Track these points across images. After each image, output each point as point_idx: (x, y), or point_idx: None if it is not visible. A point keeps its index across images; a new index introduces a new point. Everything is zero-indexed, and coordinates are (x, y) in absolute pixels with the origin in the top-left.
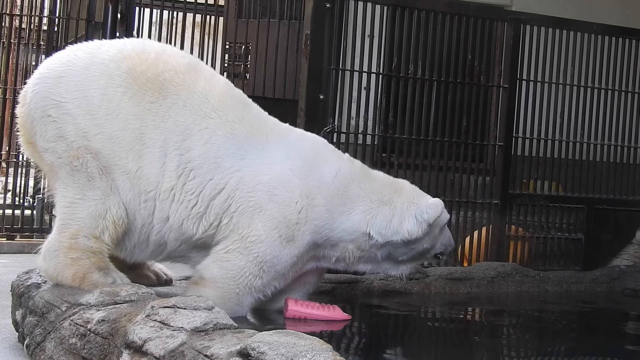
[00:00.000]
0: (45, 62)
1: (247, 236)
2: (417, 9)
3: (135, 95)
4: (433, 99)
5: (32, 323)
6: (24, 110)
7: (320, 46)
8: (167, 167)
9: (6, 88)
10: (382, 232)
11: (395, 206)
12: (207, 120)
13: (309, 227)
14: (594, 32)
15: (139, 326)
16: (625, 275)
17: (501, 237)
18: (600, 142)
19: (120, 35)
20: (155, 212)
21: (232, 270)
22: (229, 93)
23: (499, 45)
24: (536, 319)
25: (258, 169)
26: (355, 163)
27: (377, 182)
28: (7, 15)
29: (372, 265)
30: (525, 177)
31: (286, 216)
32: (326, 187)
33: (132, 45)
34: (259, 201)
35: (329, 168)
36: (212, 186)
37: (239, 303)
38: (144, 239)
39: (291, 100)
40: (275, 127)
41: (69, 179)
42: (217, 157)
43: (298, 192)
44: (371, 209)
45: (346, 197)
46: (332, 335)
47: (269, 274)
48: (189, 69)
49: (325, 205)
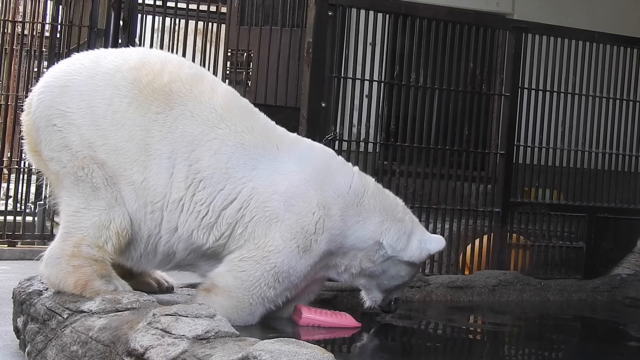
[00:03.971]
0: (51, 70)
1: (264, 246)
2: (419, 17)
3: (141, 106)
4: (435, 107)
5: (33, 330)
6: (29, 119)
7: (322, 54)
8: (176, 177)
9: (8, 95)
10: (392, 245)
11: (406, 225)
12: (216, 131)
13: (326, 237)
14: (595, 41)
15: (140, 334)
16: (626, 284)
17: (502, 245)
18: (601, 151)
19: (123, 42)
20: (162, 222)
21: (247, 281)
22: (236, 103)
23: (500, 54)
24: (537, 328)
25: (272, 179)
26: (367, 177)
27: (390, 198)
28: (9, 22)
29: (365, 282)
30: (526, 185)
31: (304, 227)
32: (342, 197)
33: (138, 55)
34: (276, 211)
35: (343, 179)
36: (224, 196)
37: (251, 313)
38: (152, 249)
39: (293, 107)
40: (285, 136)
41: (74, 188)
42: (228, 168)
43: (315, 203)
44: (386, 221)
45: (362, 207)
46: (333, 343)
47: (283, 284)
48: (196, 79)
49: (341, 215)
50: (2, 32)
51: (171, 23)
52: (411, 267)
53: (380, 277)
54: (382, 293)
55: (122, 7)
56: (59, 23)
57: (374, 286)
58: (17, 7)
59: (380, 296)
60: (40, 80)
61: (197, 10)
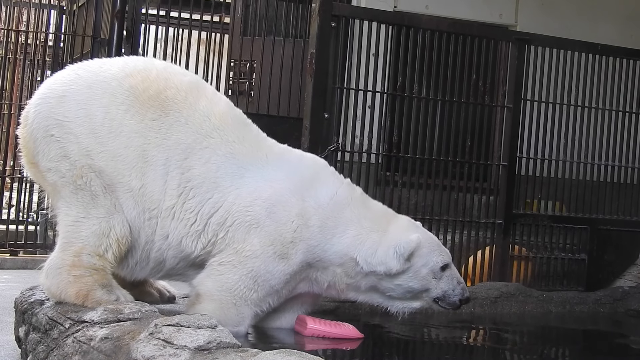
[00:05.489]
0: (46, 82)
1: (242, 251)
2: (421, 29)
3: (137, 113)
4: (437, 118)
5: (35, 340)
6: (26, 131)
7: (325, 65)
8: (169, 185)
9: (11, 104)
10: (367, 260)
11: (384, 236)
12: (208, 140)
13: (302, 247)
14: (598, 53)
15: (142, 344)
16: (628, 296)
17: (504, 257)
18: (604, 163)
19: (126, 52)
20: (157, 229)
21: (226, 283)
22: (230, 113)
23: (503, 66)
24: (539, 340)
25: (257, 185)
26: (355, 189)
27: (372, 210)
28: (12, 31)
29: (364, 297)
30: (528, 197)
31: (282, 234)
32: (322, 208)
33: (133, 63)
34: (257, 216)
35: (326, 190)
36: (211, 205)
37: (238, 313)
38: (145, 257)
39: (295, 118)
40: (275, 147)
41: (73, 198)
42: (217, 177)
43: (295, 212)
44: (361, 234)
45: (339, 220)
46: (335, 354)
47: (264, 288)
48: (191, 87)
49: (320, 227)
50: (5, 42)
51: (174, 33)
52: (405, 275)
53: (379, 289)
54: (402, 303)
55: (125, 17)
56: (62, 33)
57: (384, 300)
58: (20, 16)
59: (401, 306)
60: (36, 92)
61: (201, 20)
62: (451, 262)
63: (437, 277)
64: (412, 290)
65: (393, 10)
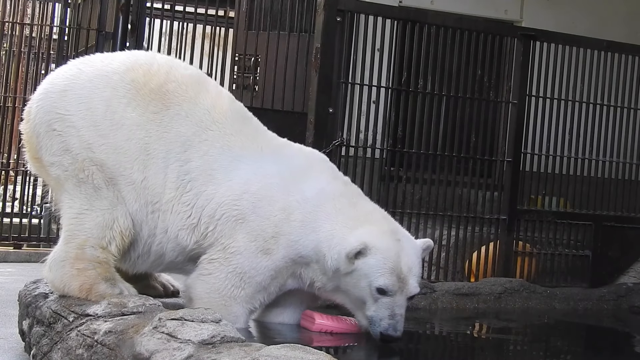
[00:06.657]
0: (48, 78)
1: (228, 247)
2: (427, 24)
3: (139, 106)
4: (442, 114)
5: (39, 333)
6: (28, 126)
7: (330, 59)
8: (168, 178)
9: (15, 97)
10: (327, 254)
11: (350, 233)
12: (207, 133)
13: (283, 241)
14: (604, 49)
15: (146, 338)
16: (632, 293)
17: (508, 253)
18: (608, 159)
19: (131, 45)
20: (159, 223)
21: (214, 284)
22: (231, 106)
23: (508, 61)
24: (543, 336)
25: (247, 179)
26: (349, 186)
27: (356, 208)
28: (17, 24)
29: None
30: (533, 193)
31: (264, 229)
32: (306, 202)
33: (135, 57)
34: (243, 211)
35: (313, 184)
36: (205, 197)
37: (229, 313)
38: (147, 250)
39: (300, 112)
40: (273, 140)
41: (76, 191)
42: (212, 170)
43: (278, 206)
44: (334, 229)
45: (319, 214)
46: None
47: (251, 285)
48: (192, 80)
49: (301, 221)
50: (10, 34)
51: (179, 27)
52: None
53: (351, 294)
54: (367, 316)
55: (130, 11)
56: (67, 26)
57: (355, 309)
58: (25, 9)
59: (363, 320)
60: (38, 88)
61: (205, 14)
62: (397, 293)
63: (374, 297)
64: (354, 296)
65: (398, 6)
